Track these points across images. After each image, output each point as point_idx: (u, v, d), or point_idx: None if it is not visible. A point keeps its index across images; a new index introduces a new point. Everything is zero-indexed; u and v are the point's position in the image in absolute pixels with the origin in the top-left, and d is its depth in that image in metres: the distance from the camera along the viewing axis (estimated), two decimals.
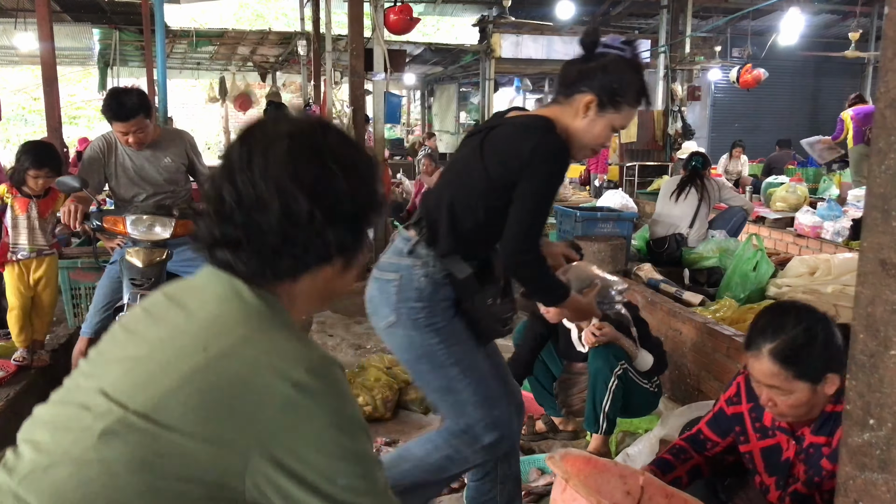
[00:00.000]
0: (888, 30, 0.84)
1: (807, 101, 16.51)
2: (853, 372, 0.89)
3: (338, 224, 1.04)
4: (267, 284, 1.06)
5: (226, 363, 0.96)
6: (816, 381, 1.78)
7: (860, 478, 0.88)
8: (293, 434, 0.95)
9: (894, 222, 0.83)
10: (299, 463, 0.95)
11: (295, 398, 0.95)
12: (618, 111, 2.04)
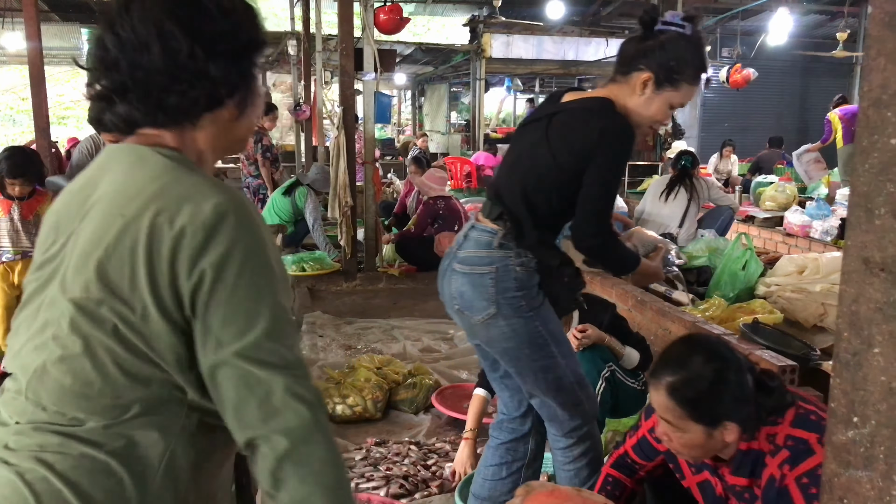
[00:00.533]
0: (872, 29, 0.84)
1: (796, 101, 16.58)
2: (837, 370, 0.89)
3: (219, 60, 1.06)
4: (166, 130, 1.08)
5: (144, 216, 1.00)
6: (712, 425, 1.69)
7: (844, 475, 0.88)
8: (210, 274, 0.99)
9: (878, 221, 0.83)
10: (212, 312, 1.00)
11: (212, 228, 0.99)
12: (676, 89, 2.04)
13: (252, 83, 1.14)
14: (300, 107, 11.64)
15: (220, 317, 1.00)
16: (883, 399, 0.83)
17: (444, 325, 5.18)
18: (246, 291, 1.00)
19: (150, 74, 1.04)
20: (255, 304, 1.01)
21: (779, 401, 1.72)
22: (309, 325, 5.08)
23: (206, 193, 1.02)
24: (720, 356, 1.72)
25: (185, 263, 0.99)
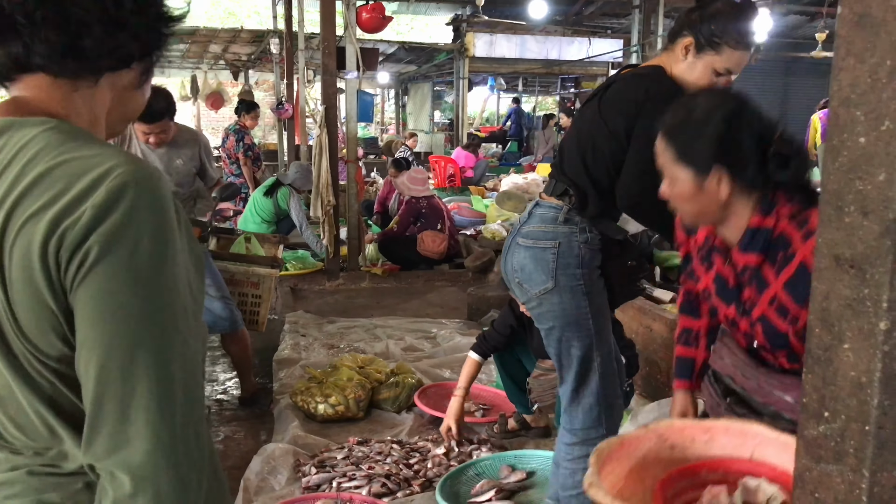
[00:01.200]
0: (840, 30, 0.85)
1: (776, 101, 16.71)
2: (809, 366, 0.91)
3: (144, 16, 0.94)
4: (64, 80, 0.90)
5: (39, 188, 0.82)
6: (700, 170, 1.57)
7: (816, 469, 0.89)
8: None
9: (847, 218, 0.84)
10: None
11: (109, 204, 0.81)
12: (717, 52, 2.03)
13: (160, 54, 1.02)
14: (282, 105, 11.58)
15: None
16: (852, 394, 0.84)
17: (426, 323, 5.19)
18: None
19: (69, 6, 0.86)
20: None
21: (797, 177, 1.58)
22: (291, 324, 5.06)
23: (109, 162, 0.85)
24: (724, 101, 1.62)
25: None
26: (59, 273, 0.81)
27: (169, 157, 3.57)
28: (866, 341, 0.82)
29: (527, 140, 17.74)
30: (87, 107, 0.93)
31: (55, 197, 0.81)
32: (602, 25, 14.87)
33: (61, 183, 0.81)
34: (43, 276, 0.80)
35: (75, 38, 0.87)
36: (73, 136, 0.87)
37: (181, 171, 3.59)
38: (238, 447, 3.35)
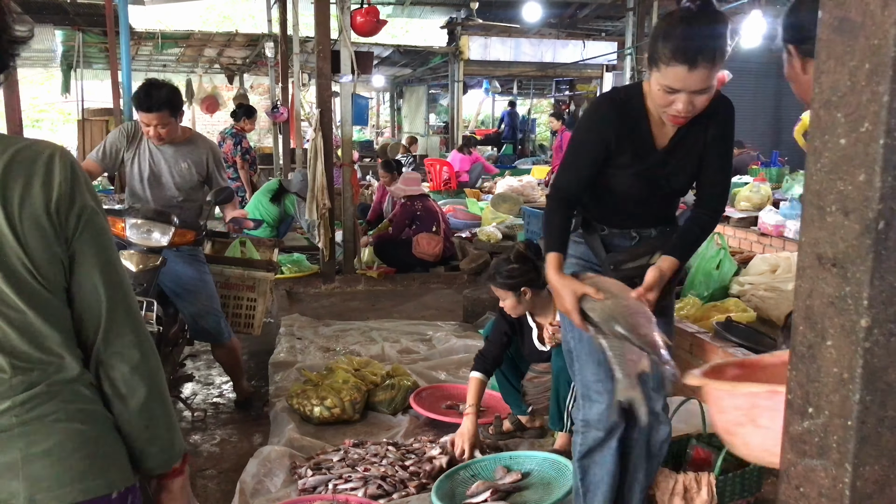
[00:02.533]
0: (821, 34, 0.87)
1: (770, 102, 16.79)
2: (793, 363, 0.92)
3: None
4: None
5: (13, 173, 1.12)
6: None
7: (800, 464, 0.91)
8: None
9: (829, 218, 0.86)
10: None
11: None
12: (657, 69, 1.97)
13: (9, 67, 1.22)
14: (278, 109, 11.60)
15: None
16: (835, 390, 0.86)
17: (422, 326, 5.20)
18: None
19: None
20: None
21: None
22: (287, 327, 5.07)
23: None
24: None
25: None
26: (61, 226, 1.13)
27: (175, 158, 3.56)
28: (848, 338, 0.84)
29: (521, 143, 17.77)
30: None
31: (32, 172, 1.11)
32: (596, 28, 14.93)
33: (27, 167, 1.12)
34: (52, 232, 1.12)
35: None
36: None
37: (184, 174, 3.58)
38: (234, 450, 3.35)
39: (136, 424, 1.21)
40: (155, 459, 1.26)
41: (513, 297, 3.09)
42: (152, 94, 3.35)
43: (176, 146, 3.56)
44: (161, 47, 13.55)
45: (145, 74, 17.85)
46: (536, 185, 10.11)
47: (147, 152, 3.56)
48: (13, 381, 1.10)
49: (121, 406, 1.20)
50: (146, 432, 1.22)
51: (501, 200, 8.50)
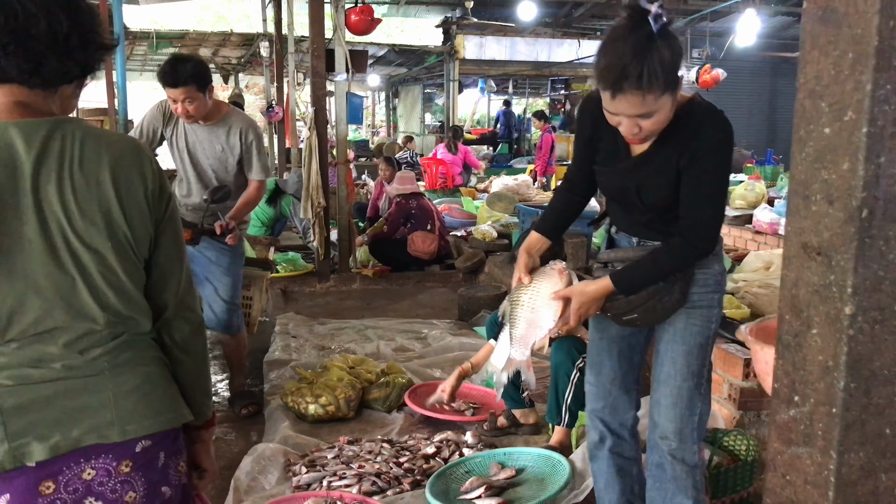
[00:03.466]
0: (806, 24, 0.88)
1: (764, 101, 16.83)
2: (780, 352, 0.93)
3: (86, 47, 1.33)
4: (36, 91, 1.32)
5: (120, 161, 1.37)
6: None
7: (787, 453, 0.92)
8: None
9: (814, 207, 0.87)
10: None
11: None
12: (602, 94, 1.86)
13: (94, 72, 1.41)
14: (273, 108, 11.59)
15: None
16: (821, 378, 0.86)
17: (417, 324, 5.20)
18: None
19: (36, 41, 1.27)
20: None
21: None
22: (282, 325, 5.07)
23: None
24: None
25: None
26: (154, 210, 1.38)
27: (210, 139, 3.47)
28: (833, 326, 0.85)
29: (517, 142, 17.78)
30: (58, 107, 1.37)
31: (134, 165, 1.35)
32: (591, 27, 14.94)
33: (129, 155, 1.36)
34: (148, 213, 1.37)
35: (37, 65, 1.29)
36: (91, 127, 1.37)
37: (219, 157, 3.49)
38: (229, 448, 3.35)
39: (192, 374, 1.48)
40: (199, 406, 1.50)
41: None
42: (177, 68, 3.24)
43: (210, 127, 3.45)
44: (156, 47, 13.53)
45: (140, 74, 17.82)
46: (532, 184, 10.12)
47: (183, 130, 3.47)
48: (104, 333, 1.33)
49: (183, 357, 1.46)
50: (197, 382, 1.50)
51: (497, 199, 8.51)
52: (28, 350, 1.28)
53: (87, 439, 1.28)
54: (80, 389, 1.30)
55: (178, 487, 1.41)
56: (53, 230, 1.27)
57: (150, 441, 1.34)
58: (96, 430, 1.28)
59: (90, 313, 1.31)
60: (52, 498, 1.25)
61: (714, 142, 1.92)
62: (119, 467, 1.30)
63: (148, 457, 1.34)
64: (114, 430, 1.29)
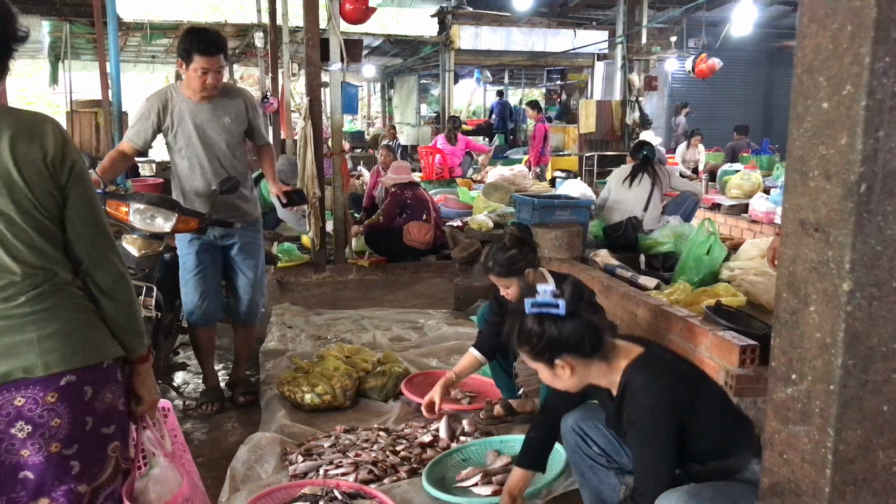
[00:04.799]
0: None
1: (760, 90, 16.82)
2: (777, 330, 0.92)
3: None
4: None
5: (21, 133, 1.55)
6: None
7: (784, 431, 0.91)
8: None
9: (811, 183, 0.86)
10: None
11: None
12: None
13: (6, 62, 1.58)
14: (268, 99, 11.55)
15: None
16: (818, 355, 0.86)
17: (413, 314, 5.19)
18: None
19: None
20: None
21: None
22: (278, 316, 5.06)
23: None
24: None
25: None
26: (57, 175, 1.55)
27: (217, 115, 3.46)
28: (830, 303, 0.84)
29: (513, 133, 17.75)
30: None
31: (33, 136, 1.53)
32: (587, 17, 14.90)
33: (29, 127, 1.53)
34: (49, 177, 1.54)
35: None
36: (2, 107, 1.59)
37: (231, 130, 3.49)
38: (225, 438, 3.34)
39: (119, 318, 1.65)
40: (131, 344, 1.68)
41: (516, 283, 3.01)
42: (212, 37, 3.28)
43: (213, 103, 3.44)
44: (149, 38, 13.46)
45: (134, 66, 17.74)
46: (528, 174, 10.10)
47: (187, 114, 3.44)
48: (24, 283, 1.52)
49: (108, 303, 1.63)
50: (126, 324, 1.66)
51: (493, 189, 8.49)
52: None
53: (15, 374, 1.49)
54: (6, 332, 1.50)
55: (109, 417, 1.62)
56: None
57: (74, 376, 1.54)
58: (22, 366, 1.50)
59: (7, 266, 1.51)
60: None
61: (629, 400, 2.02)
62: (45, 398, 1.51)
63: (73, 389, 1.54)
64: (38, 366, 1.50)
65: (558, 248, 4.88)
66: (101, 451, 1.62)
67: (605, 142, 11.70)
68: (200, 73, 3.30)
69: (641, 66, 12.26)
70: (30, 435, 1.50)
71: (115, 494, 1.66)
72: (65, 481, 1.55)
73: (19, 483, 1.52)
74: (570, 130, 14.70)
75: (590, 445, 2.28)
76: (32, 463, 1.52)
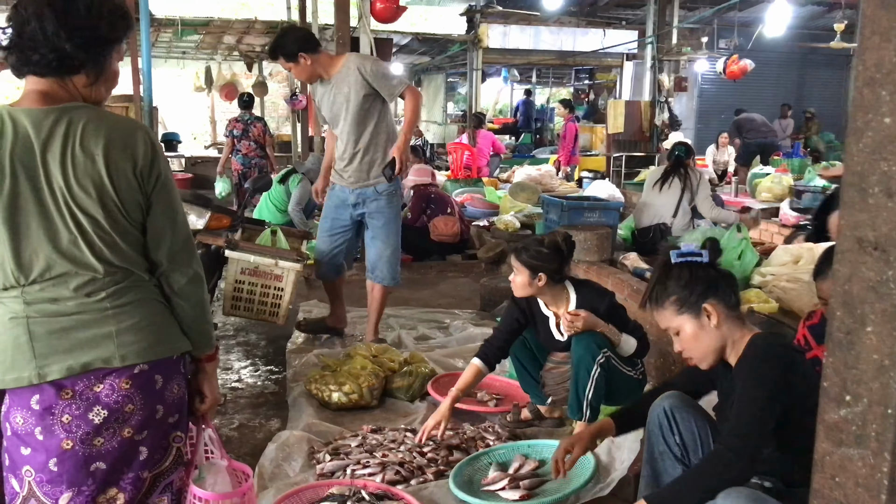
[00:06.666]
0: (866, 9, 0.84)
1: (792, 92, 16.57)
2: (830, 349, 0.90)
3: (74, 42, 1.60)
4: (48, 80, 1.62)
5: (116, 140, 1.66)
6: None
7: (836, 454, 0.89)
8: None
9: (871, 200, 0.84)
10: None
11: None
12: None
13: (104, 65, 1.68)
14: (296, 97, 11.59)
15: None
16: (875, 377, 0.84)
17: (439, 314, 5.19)
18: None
19: (37, 43, 1.58)
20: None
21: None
22: (305, 313, 5.08)
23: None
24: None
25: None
26: (144, 185, 1.66)
27: (335, 90, 4.07)
28: (890, 324, 0.82)
29: (539, 132, 17.67)
30: (77, 94, 1.66)
31: (126, 145, 1.63)
32: (617, 16, 14.79)
33: (123, 136, 1.63)
34: (137, 186, 1.65)
35: (27, 58, 1.60)
36: (98, 111, 1.66)
37: (353, 100, 4.01)
38: (252, 434, 3.36)
39: (191, 317, 1.76)
40: (199, 343, 1.79)
41: (527, 276, 3.07)
42: (271, 46, 3.98)
43: (332, 80, 4.06)
44: (181, 34, 13.58)
45: (164, 61, 17.91)
46: (555, 174, 10.06)
47: (319, 95, 4.15)
48: (105, 280, 1.64)
49: (181, 303, 1.74)
50: (195, 323, 1.77)
51: (520, 189, 8.47)
52: (48, 291, 1.61)
53: (95, 364, 1.61)
54: (88, 324, 1.62)
55: (174, 406, 1.73)
56: (59, 199, 1.59)
57: (147, 366, 1.66)
58: (102, 357, 1.61)
59: (90, 264, 1.62)
60: (69, 402, 1.60)
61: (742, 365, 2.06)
62: (121, 384, 1.63)
63: (144, 378, 1.66)
64: (115, 358, 1.62)
65: (587, 250, 4.84)
66: (164, 439, 1.72)
67: (634, 142, 11.60)
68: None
69: (671, 67, 12.15)
70: (105, 420, 1.62)
71: (172, 485, 1.76)
72: (133, 468, 1.67)
73: (90, 476, 1.62)
74: (597, 130, 14.61)
75: (673, 433, 2.26)
76: (106, 451, 1.63)
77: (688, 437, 2.25)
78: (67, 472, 1.60)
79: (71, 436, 1.60)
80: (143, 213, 1.67)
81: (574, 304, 3.11)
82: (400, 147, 3.96)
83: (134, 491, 1.67)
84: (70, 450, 1.60)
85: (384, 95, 3.97)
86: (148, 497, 1.70)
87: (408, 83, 4.16)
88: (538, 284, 3.07)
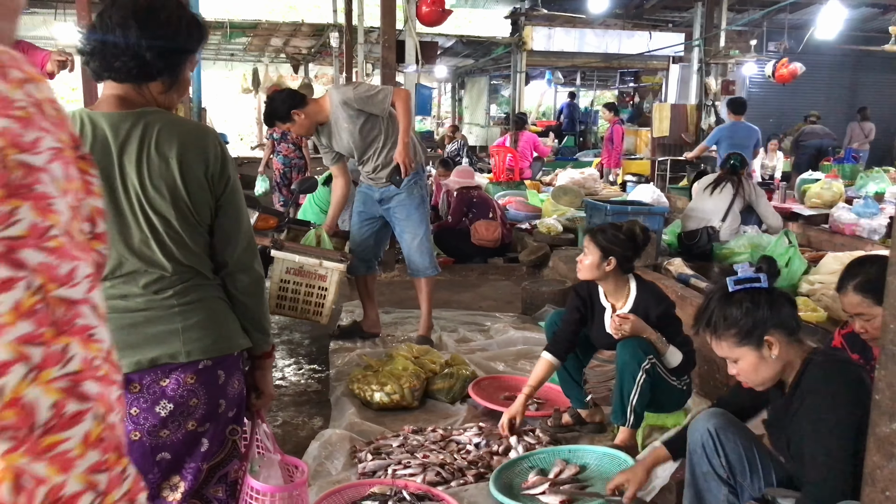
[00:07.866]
0: None
1: (844, 97, 16.17)
2: (882, 362, 0.89)
3: (155, 51, 1.66)
4: (126, 85, 1.69)
5: (190, 145, 1.73)
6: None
7: (887, 468, 0.88)
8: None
9: None
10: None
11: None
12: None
13: (179, 72, 1.74)
14: None
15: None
16: None
17: (480, 316, 5.20)
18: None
19: (120, 50, 1.64)
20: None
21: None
22: (348, 313, 5.14)
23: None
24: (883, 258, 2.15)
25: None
26: (214, 188, 1.72)
27: (334, 129, 4.26)
28: None
29: (583, 135, 17.56)
30: (153, 99, 1.72)
31: (198, 150, 1.69)
32: (663, 19, 14.63)
33: (195, 141, 1.70)
34: (208, 189, 1.71)
35: (109, 65, 1.66)
36: (173, 117, 1.73)
37: (354, 133, 4.21)
38: (296, 432, 3.42)
39: (251, 315, 1.82)
40: (258, 340, 1.85)
41: (598, 258, 3.08)
42: (266, 111, 4.22)
43: (327, 124, 4.28)
44: (229, 37, 13.84)
45: (213, 63, 18.25)
46: (598, 178, 9.98)
47: (325, 134, 4.35)
48: (172, 278, 1.69)
49: (244, 301, 1.80)
50: (256, 322, 1.83)
51: (562, 193, 8.43)
52: (118, 288, 1.67)
53: (162, 359, 1.66)
54: (156, 321, 1.67)
55: (234, 401, 1.79)
56: (133, 199, 1.65)
57: (211, 362, 1.71)
58: (168, 353, 1.66)
59: (160, 262, 1.68)
60: (137, 396, 1.65)
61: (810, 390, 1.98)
62: (186, 379, 1.68)
63: (208, 374, 1.72)
64: (181, 353, 1.67)
65: None
66: (223, 432, 1.78)
67: (679, 146, 11.46)
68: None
69: (718, 70, 11.96)
70: (170, 413, 1.67)
71: (227, 477, 1.80)
72: (194, 458, 1.73)
73: (156, 465, 1.69)
74: (641, 134, 14.45)
75: (718, 454, 2.19)
76: (171, 442, 1.69)
77: (734, 458, 2.18)
78: (135, 462, 1.62)
79: (139, 427, 1.65)
80: (211, 215, 1.73)
81: (633, 300, 3.10)
82: (401, 151, 4.15)
83: (194, 481, 1.73)
84: (137, 441, 1.66)
85: (377, 113, 4.15)
86: (205, 487, 1.76)
87: (392, 88, 4.31)
88: (606, 269, 3.07)
